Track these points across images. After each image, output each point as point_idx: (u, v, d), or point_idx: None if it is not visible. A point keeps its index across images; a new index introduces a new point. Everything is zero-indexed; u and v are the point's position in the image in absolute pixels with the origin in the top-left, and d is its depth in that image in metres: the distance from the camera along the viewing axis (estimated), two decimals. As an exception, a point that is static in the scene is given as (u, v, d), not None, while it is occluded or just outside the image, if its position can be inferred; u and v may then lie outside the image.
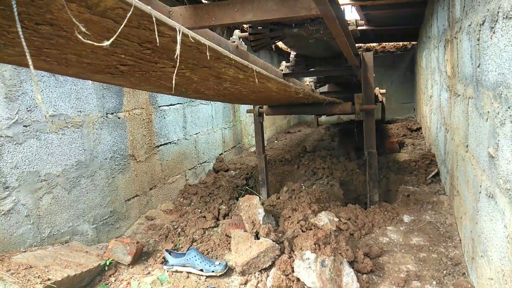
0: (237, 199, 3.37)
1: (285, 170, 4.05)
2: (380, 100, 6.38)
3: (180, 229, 2.77)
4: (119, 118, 2.76)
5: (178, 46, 0.80)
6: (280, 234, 2.35)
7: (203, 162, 4.06)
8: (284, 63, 4.15)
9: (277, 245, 2.22)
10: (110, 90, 2.67)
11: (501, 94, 1.27)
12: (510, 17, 1.13)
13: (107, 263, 2.24)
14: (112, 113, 2.69)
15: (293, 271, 2.06)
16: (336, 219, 2.51)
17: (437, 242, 2.29)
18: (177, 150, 3.55)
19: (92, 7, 0.65)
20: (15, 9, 0.53)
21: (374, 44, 7.89)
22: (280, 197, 3.02)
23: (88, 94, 2.48)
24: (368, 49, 7.95)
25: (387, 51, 7.70)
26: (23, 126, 2.05)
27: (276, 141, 6.17)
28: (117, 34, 0.67)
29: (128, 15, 0.67)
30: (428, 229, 2.44)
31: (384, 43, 7.78)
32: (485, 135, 1.53)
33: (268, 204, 2.95)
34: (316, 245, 2.03)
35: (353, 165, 3.74)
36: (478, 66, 1.60)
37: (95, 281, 2.16)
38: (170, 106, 3.44)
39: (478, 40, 1.57)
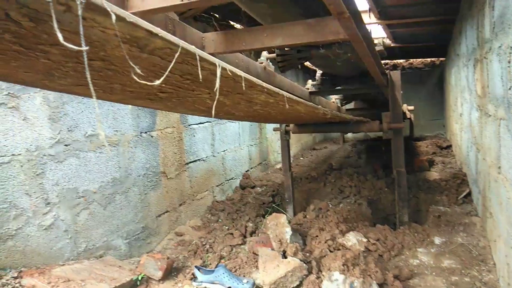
0: (264, 217, 3.39)
1: (311, 187, 4.05)
2: (408, 117, 6.29)
3: (208, 246, 2.82)
4: (152, 136, 2.88)
5: (218, 80, 0.87)
6: (307, 254, 2.35)
7: (230, 179, 4.13)
8: (310, 81, 4.20)
9: (304, 264, 2.22)
10: (145, 110, 2.79)
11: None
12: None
13: (139, 278, 2.31)
14: (145, 132, 2.81)
15: (321, 292, 2.06)
16: (365, 240, 2.50)
17: (469, 265, 2.23)
18: (206, 167, 3.64)
19: (142, 47, 0.72)
20: (84, 55, 0.61)
21: (401, 61, 7.83)
22: (307, 216, 3.02)
23: (124, 114, 2.60)
24: (395, 66, 7.90)
25: (414, 68, 7.62)
26: (64, 145, 2.18)
27: (302, 158, 6.18)
28: (166, 73, 0.74)
29: (177, 55, 0.75)
30: (460, 252, 2.38)
31: (411, 60, 7.71)
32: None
33: (295, 223, 2.96)
34: (345, 266, 2.03)
35: (381, 184, 3.70)
36: (510, 89, 1.59)
37: (127, 295, 2.23)
38: (200, 125, 3.54)
39: (509, 62, 1.56)
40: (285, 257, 2.35)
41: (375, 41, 2.82)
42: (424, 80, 7.40)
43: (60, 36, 0.51)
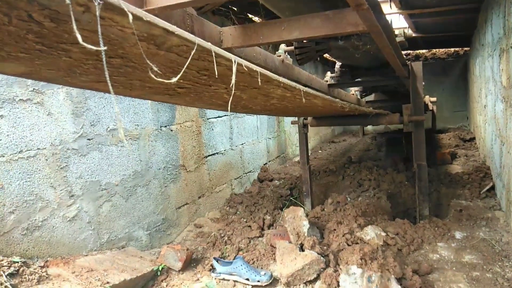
0: (281, 209, 3.40)
1: (329, 180, 4.03)
2: (431, 108, 6.15)
3: (226, 238, 2.86)
4: (171, 130, 2.92)
5: (234, 76, 0.87)
6: (325, 247, 2.35)
7: (248, 172, 4.15)
8: (329, 73, 4.15)
9: (322, 258, 2.23)
10: (164, 104, 2.83)
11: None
12: None
13: (160, 269, 2.36)
14: (165, 126, 2.86)
15: (338, 285, 2.06)
16: (383, 234, 2.47)
17: (491, 261, 2.18)
18: (224, 160, 3.67)
19: (159, 45, 0.73)
20: (103, 54, 0.63)
21: (424, 51, 7.63)
22: (325, 209, 3.02)
23: (145, 109, 2.65)
24: (417, 56, 7.70)
25: (437, 58, 7.41)
26: (87, 139, 2.24)
27: (320, 151, 6.14)
28: (183, 70, 0.75)
29: (193, 52, 0.76)
30: (482, 247, 2.33)
31: (434, 50, 7.50)
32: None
33: (313, 216, 2.96)
34: (363, 260, 2.02)
35: (401, 177, 3.65)
36: (536, 80, 1.53)
37: (148, 285, 2.29)
38: (218, 118, 3.57)
39: (536, 53, 1.51)
40: (303, 250, 2.36)
41: (396, 32, 2.76)
42: (447, 71, 7.20)
43: (79, 37, 0.53)
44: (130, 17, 0.56)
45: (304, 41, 2.88)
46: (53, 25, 0.60)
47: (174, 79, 0.74)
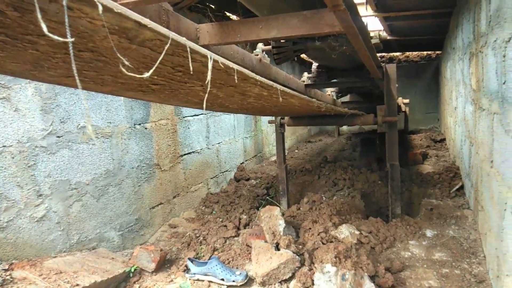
0: (258, 209, 3.40)
1: (305, 180, 4.06)
2: (403, 110, 6.31)
3: (202, 238, 2.83)
4: (146, 128, 2.86)
5: (209, 73, 0.85)
6: (300, 246, 2.36)
7: (224, 171, 4.13)
8: (306, 74, 4.18)
9: (297, 257, 2.24)
10: (138, 102, 2.77)
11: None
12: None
13: (132, 270, 2.31)
14: (139, 124, 2.79)
15: (313, 284, 2.07)
16: (357, 232, 2.51)
17: (460, 258, 2.25)
18: (200, 159, 3.63)
19: (132, 38, 0.71)
20: (70, 46, 0.59)
21: (397, 54, 7.82)
22: (301, 208, 3.03)
23: (118, 106, 2.58)
24: (391, 59, 7.88)
25: (410, 61, 7.61)
26: (57, 136, 2.16)
27: (296, 150, 6.18)
28: (156, 65, 0.73)
29: (166, 47, 0.73)
30: (451, 244, 2.40)
31: (407, 53, 7.69)
32: (511, 152, 1.51)
33: (289, 215, 2.97)
34: (337, 258, 2.04)
35: (374, 177, 3.72)
36: (504, 83, 1.59)
37: (120, 287, 2.24)
38: (194, 117, 3.52)
39: (504, 56, 1.56)
40: (278, 249, 2.36)
41: (371, 34, 2.80)
42: (420, 74, 7.41)
43: (44, 27, 0.50)
44: (100, 8, 0.54)
45: (282, 41, 2.89)
46: (17, 14, 0.57)
47: (147, 74, 0.71)
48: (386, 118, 3.00)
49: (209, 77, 0.85)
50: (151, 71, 0.73)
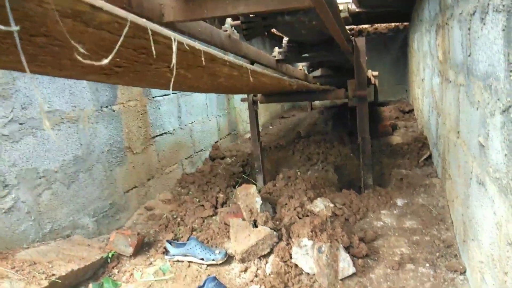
0: (234, 187, 3.41)
1: (280, 156, 4.09)
2: (373, 82, 6.39)
3: (179, 219, 2.82)
4: (113, 111, 2.76)
5: (174, 55, 0.82)
6: (277, 222, 2.40)
7: (199, 151, 4.09)
8: (276, 49, 4.13)
9: (275, 232, 2.27)
10: (104, 83, 2.66)
11: (491, 85, 1.30)
12: (500, 11, 1.15)
13: (110, 256, 2.28)
14: (106, 106, 2.69)
15: (291, 258, 2.12)
16: (332, 205, 2.57)
17: (429, 225, 2.36)
18: (173, 140, 3.57)
19: (87, 22, 0.66)
20: (16, 35, 0.55)
21: (366, 26, 7.84)
22: (277, 184, 3.07)
23: (82, 88, 2.47)
24: (360, 32, 7.91)
25: (379, 33, 7.67)
26: (19, 124, 2.05)
27: (270, 127, 6.19)
28: (115, 50, 0.69)
29: (125, 30, 0.69)
30: (421, 212, 2.51)
31: (376, 25, 7.73)
32: (476, 124, 1.56)
33: (265, 192, 3.00)
34: (313, 232, 2.09)
35: (346, 150, 3.79)
36: (469, 55, 1.62)
37: (98, 273, 2.21)
38: (164, 97, 3.44)
39: (469, 29, 1.59)
40: (256, 226, 2.39)
41: (340, 7, 2.78)
42: (388, 46, 7.49)
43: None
44: (49, -10, 0.49)
45: (251, 16, 2.82)
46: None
47: (106, 61, 0.67)
48: (357, 92, 3.03)
49: (174, 60, 0.81)
50: (110, 57, 0.68)
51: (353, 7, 3.06)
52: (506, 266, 1.20)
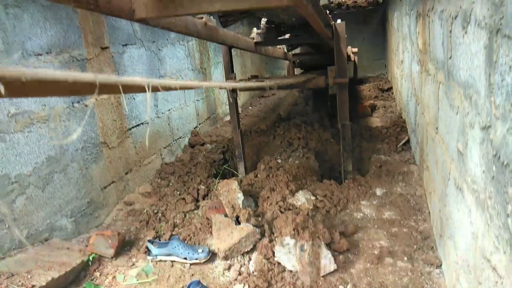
0: (215, 177, 3.39)
1: (261, 141, 4.07)
2: (352, 59, 6.35)
3: (160, 214, 2.79)
4: (86, 106, 2.64)
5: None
6: (259, 218, 2.41)
7: (178, 138, 4.01)
8: (255, 30, 4.01)
9: (257, 229, 2.29)
10: (74, 78, 2.52)
11: (471, 97, 1.29)
12: (482, 27, 1.12)
13: (90, 259, 2.25)
14: (78, 102, 2.57)
15: (274, 255, 2.15)
16: (313, 198, 2.59)
17: (407, 216, 2.42)
18: (150, 129, 3.48)
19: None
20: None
21: (346, -1, 7.70)
22: (258, 175, 3.06)
23: (51, 86, 2.34)
24: (339, 4, 7.76)
25: (358, 6, 7.54)
26: (-16, 130, 1.93)
27: (250, 107, 6.12)
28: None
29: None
30: (399, 202, 2.56)
31: (355, -2, 7.60)
32: (455, 127, 1.57)
33: (247, 183, 2.99)
34: (295, 230, 2.11)
35: (327, 135, 3.80)
36: (450, 58, 1.60)
37: (80, 276, 2.19)
38: (140, 86, 3.31)
39: (450, 32, 1.56)
40: (239, 223, 2.40)
41: (320, -6, 2.69)
42: (368, 20, 7.40)
43: None
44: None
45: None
46: None
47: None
48: (336, 80, 3.00)
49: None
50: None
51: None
52: (480, 277, 1.24)
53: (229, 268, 2.21)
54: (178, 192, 3.10)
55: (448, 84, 1.67)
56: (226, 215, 2.50)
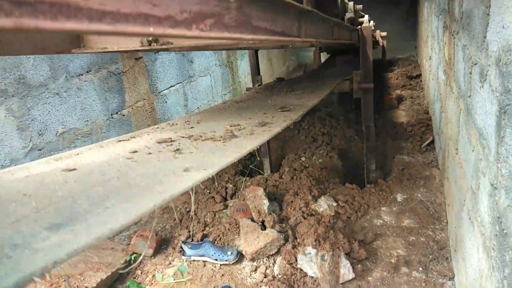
0: (242, 174, 3.57)
1: (286, 135, 4.19)
2: (381, 44, 6.23)
3: (192, 213, 3.03)
4: (123, 115, 2.85)
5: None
6: (283, 224, 2.59)
7: (206, 133, 4.19)
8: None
9: (281, 236, 2.48)
10: (112, 90, 2.71)
11: (484, 147, 1.37)
12: (495, 94, 1.19)
13: (132, 258, 2.52)
14: (116, 113, 2.77)
15: (296, 261, 2.34)
16: (335, 204, 2.74)
17: (426, 224, 2.53)
18: (181, 128, 3.67)
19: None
20: None
21: (376, -24, 7.41)
22: (283, 176, 3.22)
23: (92, 102, 2.54)
24: None
25: (389, -15, 7.27)
26: (38, 150, 2.17)
27: (276, 93, 6.19)
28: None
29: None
30: (419, 209, 2.67)
31: (386, -25, 7.30)
32: (471, 163, 1.65)
33: (272, 184, 3.16)
34: (317, 241, 2.28)
35: (351, 132, 3.88)
36: (469, 97, 1.66)
37: (124, 274, 2.47)
38: (170, 88, 3.47)
39: (471, 74, 1.61)
40: (264, 228, 2.59)
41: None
42: (399, 0, 7.16)
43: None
44: None
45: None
46: None
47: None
48: (362, 85, 3.05)
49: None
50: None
51: (359, 6, 2.96)
52: (484, 312, 1.37)
53: (255, 270, 2.43)
54: (208, 191, 3.31)
55: (467, 119, 1.73)
56: (252, 219, 2.70)
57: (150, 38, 1.34)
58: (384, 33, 6.27)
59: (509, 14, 1.05)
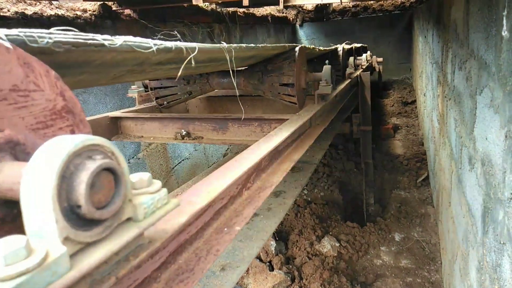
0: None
1: (288, 165, 4.39)
2: (377, 70, 6.46)
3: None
4: (139, 159, 3.03)
5: None
6: (290, 266, 2.78)
7: (211, 164, 4.38)
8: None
9: (288, 277, 2.66)
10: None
11: (473, 223, 1.57)
12: (480, 190, 1.39)
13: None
14: (133, 157, 2.95)
15: (303, 302, 2.53)
16: (337, 244, 2.93)
17: (422, 265, 2.73)
18: (189, 163, 3.85)
19: None
20: None
21: (372, 2, 7.65)
22: (288, 213, 3.41)
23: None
24: (365, 8, 7.74)
25: (385, 10, 7.51)
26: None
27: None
28: None
29: None
30: (415, 249, 2.87)
31: (382, 1, 7.54)
32: (462, 228, 1.85)
33: (277, 221, 3.34)
34: (322, 286, 2.47)
35: (351, 165, 4.08)
36: (460, 169, 1.86)
37: None
38: (180, 127, 3.66)
39: (461, 151, 1.81)
40: (272, 268, 2.78)
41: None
42: (394, 24, 7.40)
43: None
44: None
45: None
46: None
47: None
48: (361, 127, 3.26)
49: None
50: None
51: (347, 46, 3.16)
52: None
53: (264, 310, 2.61)
54: (216, 226, 3.49)
55: (459, 186, 1.93)
56: (260, 259, 2.88)
57: (184, 133, 1.53)
58: (380, 59, 6.52)
59: (490, 130, 1.25)
